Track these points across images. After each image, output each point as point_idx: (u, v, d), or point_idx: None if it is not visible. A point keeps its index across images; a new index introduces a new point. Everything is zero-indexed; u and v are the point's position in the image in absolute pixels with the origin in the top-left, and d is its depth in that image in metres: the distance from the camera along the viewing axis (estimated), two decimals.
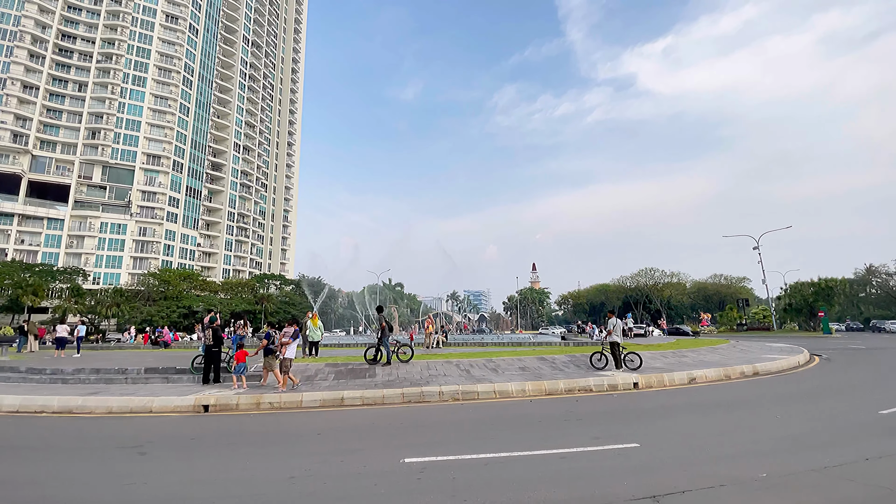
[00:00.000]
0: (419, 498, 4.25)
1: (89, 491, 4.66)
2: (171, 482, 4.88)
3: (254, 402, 9.71)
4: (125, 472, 5.31)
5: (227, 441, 7.10)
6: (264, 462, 5.65)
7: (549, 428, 7.38)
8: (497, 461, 5.40)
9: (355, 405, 9.84)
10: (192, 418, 8.98)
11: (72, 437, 7.63)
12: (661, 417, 8.19)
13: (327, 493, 4.46)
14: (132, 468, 5.47)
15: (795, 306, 46.11)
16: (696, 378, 12.61)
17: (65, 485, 4.88)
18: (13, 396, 10.18)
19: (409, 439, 6.84)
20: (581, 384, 11.19)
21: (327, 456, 5.82)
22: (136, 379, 12.32)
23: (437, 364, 13.47)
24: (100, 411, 9.62)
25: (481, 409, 9.23)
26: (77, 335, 20.52)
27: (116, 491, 4.65)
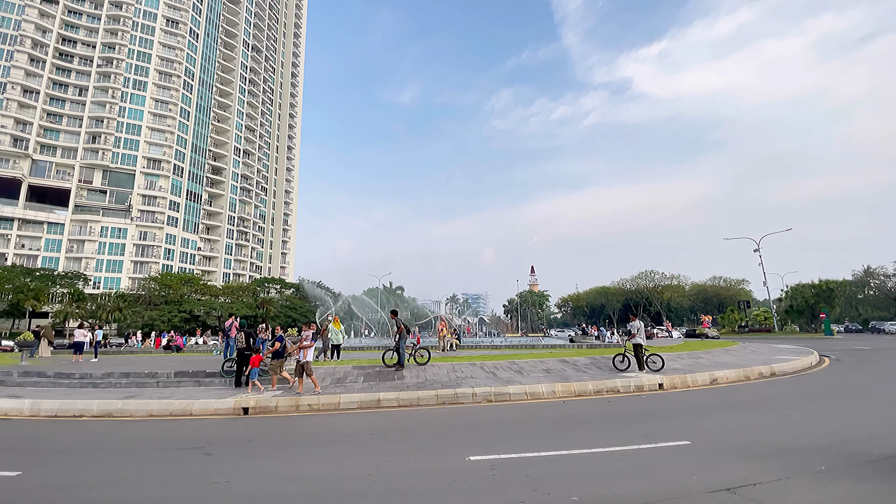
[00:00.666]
0: (504, 492, 4.46)
1: (180, 490, 4.84)
2: (255, 481, 5.07)
3: (293, 405, 9.88)
4: (202, 471, 5.49)
5: (284, 441, 7.28)
6: (335, 460, 5.84)
7: (595, 427, 7.61)
8: (561, 458, 5.62)
9: (391, 407, 10.03)
10: (235, 420, 9.14)
11: (128, 439, 7.77)
12: (699, 416, 8.43)
13: (413, 488, 4.66)
14: (206, 468, 5.65)
15: (797, 308, 46.63)
16: (717, 379, 12.87)
17: (152, 485, 5.05)
18: (51, 400, 10.30)
19: (463, 438, 7.03)
20: (609, 385, 11.42)
21: (392, 454, 6.01)
22: (167, 383, 12.45)
23: (463, 367, 13.68)
24: (140, 414, 9.77)
25: (518, 410, 9.44)
26: (94, 340, 20.59)
27: (206, 489, 4.83)
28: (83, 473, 5.57)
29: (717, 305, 77.07)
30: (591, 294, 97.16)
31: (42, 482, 5.19)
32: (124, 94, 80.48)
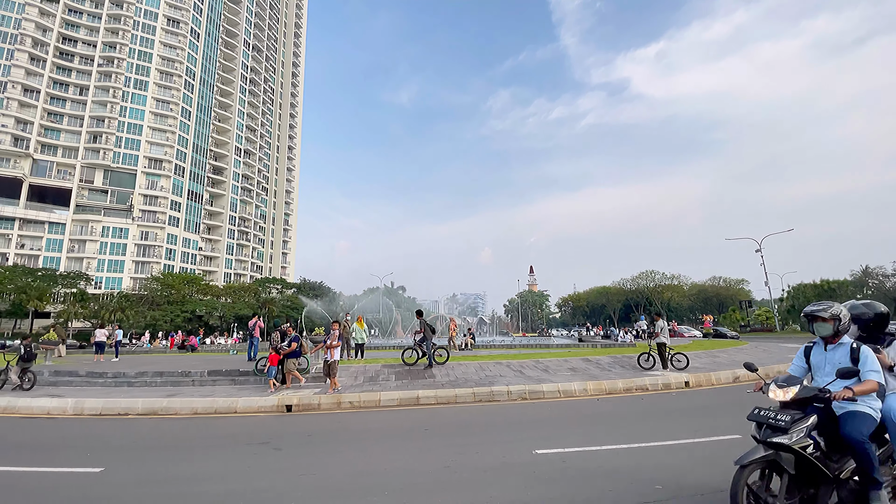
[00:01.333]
0: (587, 482, 4.70)
1: (268, 481, 5.05)
2: (338, 474, 5.28)
3: (335, 402, 10.09)
4: (284, 465, 5.70)
5: (345, 437, 7.48)
6: (404, 454, 6.07)
7: (642, 422, 7.87)
8: (624, 451, 5.87)
9: (430, 404, 10.25)
10: (281, 417, 9.34)
11: (189, 435, 7.96)
12: (739, 412, 8.70)
13: (496, 479, 4.89)
14: (286, 462, 5.86)
15: (798, 308, 47.17)
16: (739, 377, 13.15)
17: (249, 478, 5.25)
18: (94, 399, 10.47)
19: (520, 434, 7.27)
20: (637, 383, 11.69)
21: (459, 448, 6.24)
22: (202, 381, 12.62)
23: (490, 365, 13.91)
24: (185, 412, 9.95)
25: (556, 407, 9.68)
26: (115, 340, 20.71)
27: (295, 482, 5.04)
28: (170, 468, 5.77)
29: (717, 305, 77.65)
30: (591, 294, 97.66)
31: (131, 478, 5.38)
32: (125, 94, 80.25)
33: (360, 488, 4.73)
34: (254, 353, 17.03)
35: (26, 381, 12.04)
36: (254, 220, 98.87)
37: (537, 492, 4.50)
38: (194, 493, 4.77)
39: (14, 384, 11.89)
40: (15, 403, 10.60)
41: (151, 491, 4.87)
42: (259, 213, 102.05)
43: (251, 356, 17.07)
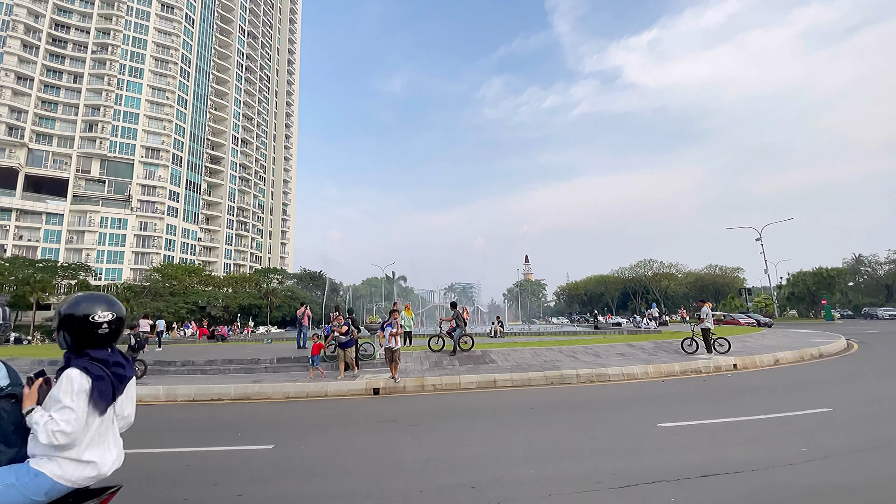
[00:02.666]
0: (721, 447, 5.34)
1: (431, 451, 5.60)
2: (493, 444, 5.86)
3: (419, 385, 10.66)
4: (433, 438, 6.27)
5: (462, 414, 8.01)
6: (539, 429, 6.66)
7: (730, 399, 8.61)
8: (740, 424, 6.53)
9: (506, 386, 10.86)
10: (373, 399, 9.88)
11: (314, 416, 8.42)
12: (807, 389, 9.47)
13: (642, 448, 5.50)
14: (431, 436, 6.43)
15: (798, 295, 48.75)
16: (779, 359, 13.96)
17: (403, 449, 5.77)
18: (185, 386, 10.92)
19: (629, 411, 7.91)
20: (692, 366, 12.42)
21: (586, 423, 6.88)
22: (275, 368, 13.10)
23: (543, 351, 14.57)
24: (277, 396, 10.45)
25: (630, 388, 10.34)
26: (157, 330, 20.99)
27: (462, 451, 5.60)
28: (333, 444, 6.30)
29: (714, 293, 79.35)
30: (589, 282, 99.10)
31: (304, 452, 5.90)
32: (120, 82, 78.77)
33: (531, 455, 5.30)
34: (303, 342, 17.50)
35: (137, 371, 12.40)
36: (252, 210, 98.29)
37: (699, 456, 5.10)
38: (373, 461, 5.28)
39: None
40: None
41: (336, 462, 5.37)
42: (257, 203, 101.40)
43: (301, 344, 17.54)
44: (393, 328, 11.19)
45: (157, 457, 5.85)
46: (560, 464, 4.95)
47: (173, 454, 5.96)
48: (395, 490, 4.28)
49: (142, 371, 12.45)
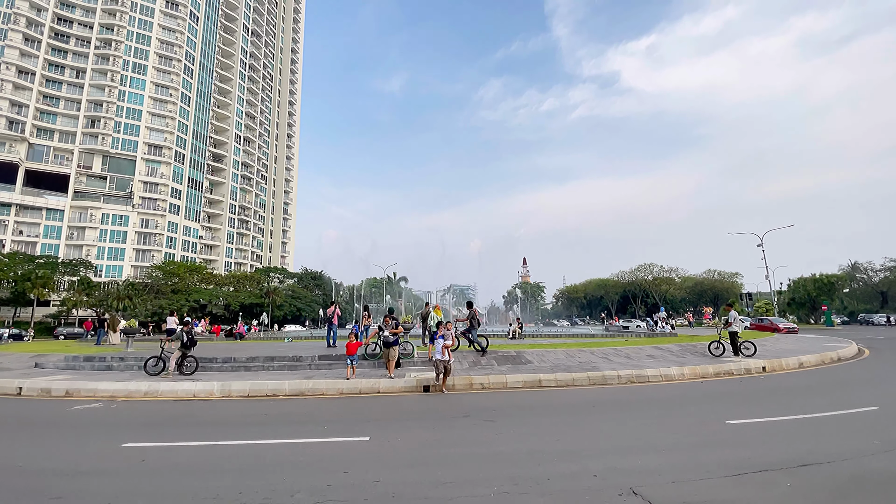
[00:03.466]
0: (812, 442, 5.71)
1: (530, 444, 5.92)
2: (578, 438, 6.20)
3: (467, 384, 10.98)
4: (515, 433, 6.60)
5: (529, 411, 8.31)
6: (615, 425, 7.01)
7: (777, 399, 9.01)
8: (803, 421, 6.93)
9: (551, 386, 11.20)
10: (432, 396, 10.17)
11: (383, 412, 8.68)
12: (845, 390, 9.90)
13: (725, 441, 5.87)
14: (519, 431, 6.75)
15: (798, 300, 49.62)
16: (803, 363, 14.43)
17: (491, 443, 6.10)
18: (240, 382, 11.16)
19: (691, 409, 8.29)
20: (724, 368, 12.83)
21: (654, 419, 7.24)
22: (318, 365, 13.36)
23: (575, 352, 14.94)
24: (331, 393, 10.74)
25: (673, 388, 10.73)
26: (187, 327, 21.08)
27: (556, 444, 5.93)
28: (423, 436, 6.61)
29: (712, 298, 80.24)
30: (589, 286, 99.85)
31: (399, 444, 6.20)
32: (124, 78, 78.47)
33: (625, 448, 5.64)
34: (333, 340, 17.75)
35: (186, 368, 12.60)
36: (253, 209, 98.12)
37: (786, 449, 5.45)
38: (475, 453, 5.59)
39: (171, 370, 12.44)
40: (157, 388, 11.21)
41: (440, 452, 5.69)
42: (259, 202, 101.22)
43: (331, 342, 17.78)
44: (447, 339, 10.75)
45: (273, 447, 6.12)
46: (659, 455, 5.29)
47: (286, 445, 6.22)
48: (521, 477, 4.60)
49: (193, 367, 12.65)
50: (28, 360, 17.15)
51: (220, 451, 6.01)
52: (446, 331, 11.07)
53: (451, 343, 10.85)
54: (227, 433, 7.09)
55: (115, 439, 6.63)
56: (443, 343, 10.51)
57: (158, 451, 5.99)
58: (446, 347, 10.49)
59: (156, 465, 5.37)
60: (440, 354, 10.45)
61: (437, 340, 10.80)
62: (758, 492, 4.11)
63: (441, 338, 10.71)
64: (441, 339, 10.67)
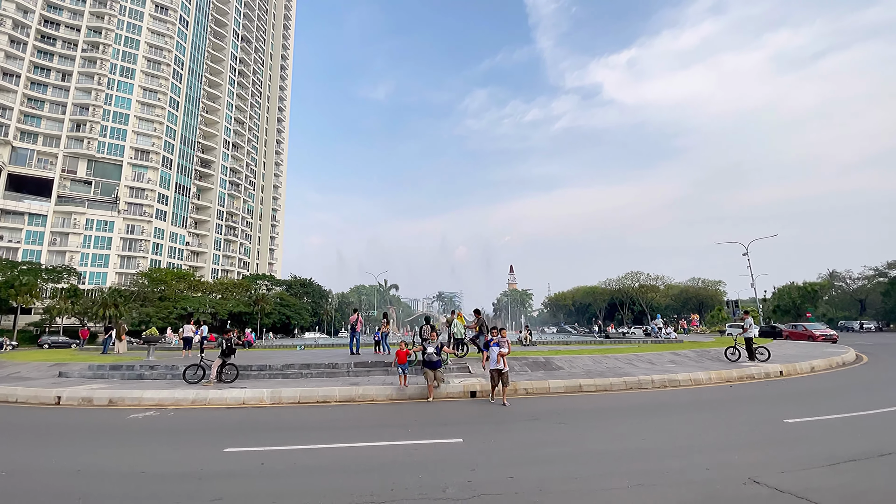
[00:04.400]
0: (869, 437, 6.27)
1: (619, 444, 6.35)
2: (658, 437, 6.65)
3: (511, 389, 11.31)
4: (602, 434, 7.02)
5: (592, 413, 8.75)
6: (681, 425, 7.49)
7: (813, 400, 9.63)
8: (852, 419, 7.52)
9: (590, 391, 11.65)
10: (481, 402, 10.50)
11: (449, 417, 8.97)
12: (869, 391, 10.61)
13: (792, 438, 6.39)
14: (598, 432, 7.17)
15: (783, 307, 51.45)
16: (814, 367, 15.21)
17: (572, 443, 6.53)
18: (290, 389, 11.31)
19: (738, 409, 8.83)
20: (747, 372, 13.49)
21: (710, 421, 7.74)
22: (356, 372, 13.53)
23: (600, 358, 15.46)
24: (381, 399, 10.98)
25: (707, 392, 11.28)
26: (201, 335, 20.93)
27: (640, 443, 6.37)
28: (510, 437, 6.96)
29: (697, 305, 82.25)
30: (577, 293, 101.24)
31: (491, 445, 6.54)
32: (111, 82, 77.09)
33: (706, 446, 6.12)
34: (357, 348, 17.91)
35: (226, 376, 12.59)
36: (241, 216, 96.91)
37: (856, 443, 5.98)
38: (571, 452, 5.97)
39: (211, 379, 12.43)
40: (205, 395, 11.28)
41: (538, 453, 6.04)
42: (246, 208, 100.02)
43: (353, 350, 17.93)
44: (502, 347, 9.90)
45: (379, 449, 6.41)
46: (749, 451, 5.78)
47: (391, 447, 6.49)
48: (642, 471, 5.01)
49: (234, 375, 12.71)
50: (46, 369, 16.87)
51: (328, 453, 6.26)
52: (501, 338, 10.16)
53: (508, 350, 9.98)
54: (317, 437, 7.32)
55: (212, 445, 6.82)
56: (498, 351, 9.78)
57: (266, 455, 6.20)
58: (502, 356, 9.76)
59: (278, 467, 5.60)
60: (495, 363, 9.79)
61: (491, 348, 10.04)
62: (859, 477, 4.61)
63: (496, 345, 9.93)
64: (496, 346, 9.90)
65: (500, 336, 10.33)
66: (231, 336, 13.09)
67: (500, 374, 9.80)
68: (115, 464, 5.96)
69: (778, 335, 32.34)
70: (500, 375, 9.82)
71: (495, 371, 9.89)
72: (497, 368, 9.81)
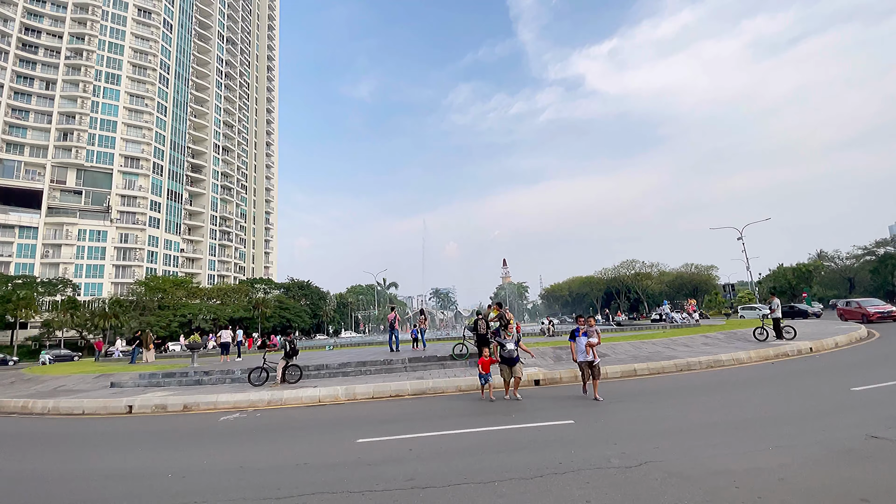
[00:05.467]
0: None
1: (719, 416, 6.98)
2: (750, 409, 7.30)
3: (572, 376, 11.94)
4: (690, 410, 7.64)
5: (666, 395, 9.34)
6: (764, 399, 8.15)
7: (867, 370, 10.40)
8: None
9: (644, 374, 12.32)
10: (548, 388, 11.10)
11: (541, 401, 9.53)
12: None
13: (871, 404, 7.08)
14: (687, 408, 7.79)
15: (779, 289, 53.14)
16: (838, 342, 16.12)
17: (678, 415, 7.15)
18: (363, 386, 11.76)
19: (804, 383, 9.54)
20: (781, 350, 14.29)
21: (784, 394, 8.44)
22: (413, 367, 14.01)
23: (639, 344, 16.19)
24: (451, 390, 11.49)
25: (753, 370, 12.01)
26: (236, 341, 21.14)
27: (740, 413, 7.01)
28: (616, 417, 7.54)
29: (691, 290, 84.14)
30: (573, 283, 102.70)
31: (601, 425, 7.11)
32: (96, 89, 75.73)
33: (801, 414, 6.77)
34: (396, 345, 18.37)
35: (290, 376, 12.93)
36: (235, 220, 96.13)
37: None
38: (682, 426, 6.56)
39: (277, 380, 12.77)
40: (280, 396, 11.66)
41: (653, 426, 6.62)
42: (239, 212, 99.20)
43: (393, 347, 18.38)
44: (591, 337, 9.10)
45: (503, 433, 6.94)
46: (839, 416, 6.45)
47: (514, 430, 6.99)
48: (765, 437, 5.62)
49: (297, 376, 13.09)
50: (92, 381, 17.02)
51: (466, 437, 6.74)
52: (589, 327, 9.32)
53: (598, 341, 9.14)
54: (431, 425, 7.74)
55: (340, 438, 7.29)
56: (587, 341, 9.04)
57: (405, 442, 6.66)
58: (591, 346, 9.02)
59: (427, 451, 6.08)
60: (584, 355, 9.08)
61: (578, 339, 9.27)
62: None
63: (584, 335, 9.17)
64: (584, 336, 9.15)
65: (587, 325, 9.40)
66: (293, 338, 13.41)
67: (592, 366, 9.02)
68: (262, 459, 6.37)
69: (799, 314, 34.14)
70: (590, 367, 9.04)
71: (586, 363, 9.12)
72: (588, 360, 9.05)
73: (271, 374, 13.22)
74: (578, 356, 9.29)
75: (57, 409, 12.64)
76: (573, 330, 9.56)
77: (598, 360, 9.13)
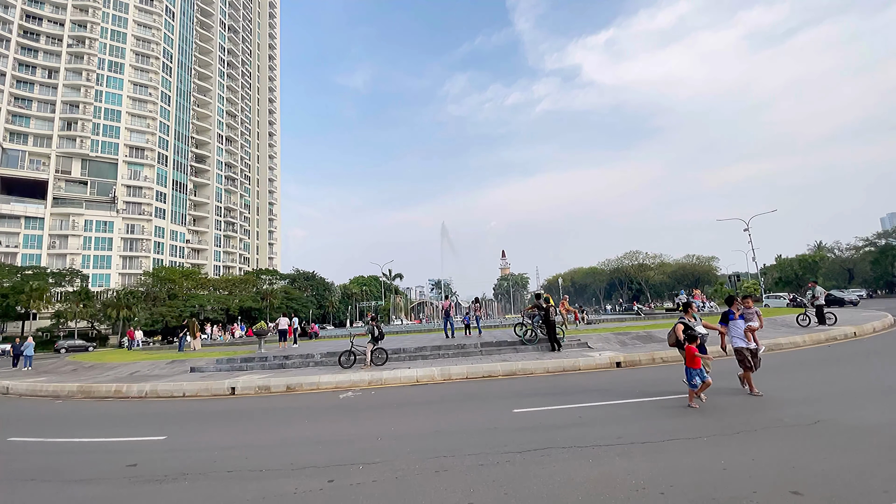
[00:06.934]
0: None
1: (829, 389, 7.85)
2: (848, 382, 8.18)
3: (650, 358, 12.82)
4: (789, 385, 8.50)
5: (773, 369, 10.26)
6: (858, 374, 9.04)
7: None
8: None
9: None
10: (629, 370, 11.94)
11: (636, 383, 10.35)
12: None
13: None
14: (781, 383, 8.65)
15: (785, 279, 54.70)
16: (875, 328, 17.18)
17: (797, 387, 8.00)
18: (458, 367, 12.54)
19: (882, 362, 10.47)
20: (831, 335, 15.27)
21: (876, 369, 9.34)
22: (489, 351, 14.81)
23: None
24: (539, 371, 12.27)
25: (816, 352, 12.94)
26: (292, 328, 21.77)
27: (839, 386, 7.88)
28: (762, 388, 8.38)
29: (693, 281, 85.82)
30: (577, 274, 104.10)
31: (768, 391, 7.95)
32: (100, 77, 74.80)
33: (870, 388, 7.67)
34: (452, 332, 19.12)
35: (377, 359, 13.65)
36: (239, 210, 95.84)
37: None
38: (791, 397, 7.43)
39: (367, 363, 13.48)
40: (379, 376, 12.40)
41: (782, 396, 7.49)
42: (243, 203, 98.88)
43: (449, 334, 19.14)
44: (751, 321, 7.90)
45: (625, 406, 7.69)
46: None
47: (632, 404, 7.79)
48: (876, 403, 6.48)
49: (384, 358, 13.81)
50: (165, 366, 17.61)
51: (582, 411, 7.49)
52: (746, 309, 8.09)
53: (759, 325, 8.01)
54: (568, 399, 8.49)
55: (494, 408, 8.05)
56: (745, 325, 7.73)
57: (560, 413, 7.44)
58: (752, 330, 7.76)
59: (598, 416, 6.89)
60: (742, 341, 7.65)
61: (733, 322, 7.84)
62: None
63: (741, 318, 7.83)
64: (741, 319, 7.81)
65: (744, 307, 8.11)
66: (377, 323, 14.08)
67: (754, 355, 7.63)
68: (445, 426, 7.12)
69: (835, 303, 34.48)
70: (753, 357, 7.61)
71: (748, 350, 7.61)
72: (750, 348, 7.60)
73: (358, 357, 13.92)
74: (736, 342, 7.75)
75: (156, 392, 13.25)
76: (724, 312, 8.11)
77: (763, 348, 7.98)
